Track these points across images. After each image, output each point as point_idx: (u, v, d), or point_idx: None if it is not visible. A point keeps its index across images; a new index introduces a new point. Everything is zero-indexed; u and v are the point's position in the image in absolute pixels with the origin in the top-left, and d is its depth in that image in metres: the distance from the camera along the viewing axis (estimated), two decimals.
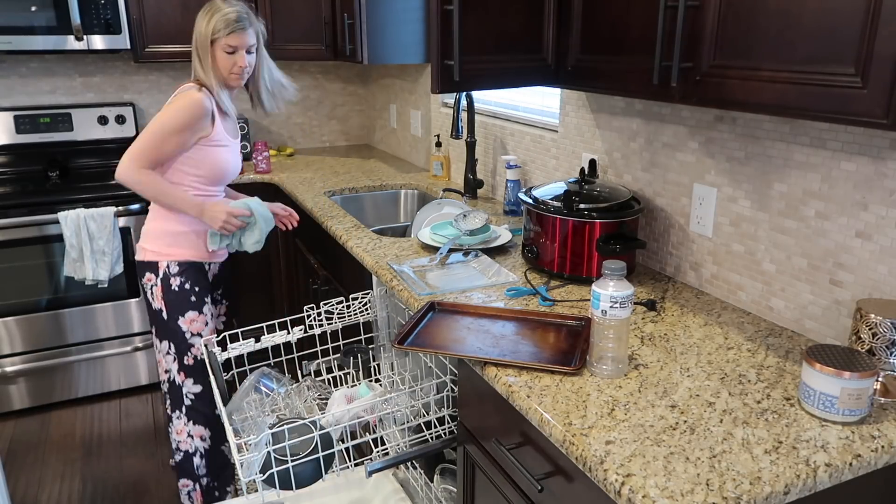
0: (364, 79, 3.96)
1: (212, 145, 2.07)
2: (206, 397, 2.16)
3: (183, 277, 2.10)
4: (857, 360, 1.12)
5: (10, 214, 2.83)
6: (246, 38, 2.04)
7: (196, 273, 2.13)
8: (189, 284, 2.11)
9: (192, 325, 2.12)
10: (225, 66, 2.04)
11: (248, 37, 2.04)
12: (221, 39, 2.00)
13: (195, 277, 2.12)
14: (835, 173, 1.36)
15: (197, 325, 2.12)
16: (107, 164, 3.40)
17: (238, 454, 1.39)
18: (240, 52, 2.04)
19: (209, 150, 2.07)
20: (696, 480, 0.98)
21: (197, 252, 2.13)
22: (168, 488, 2.56)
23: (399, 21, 2.85)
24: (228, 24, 2.00)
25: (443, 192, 2.66)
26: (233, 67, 2.05)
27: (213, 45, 2.01)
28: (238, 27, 2.01)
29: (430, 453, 1.63)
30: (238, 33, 2.02)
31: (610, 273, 1.24)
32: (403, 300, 1.71)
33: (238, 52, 2.04)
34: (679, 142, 1.73)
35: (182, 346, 2.12)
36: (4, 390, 3.01)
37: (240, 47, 2.03)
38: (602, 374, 1.28)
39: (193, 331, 2.12)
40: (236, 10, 2.03)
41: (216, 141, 2.07)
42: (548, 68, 1.70)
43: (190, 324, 2.11)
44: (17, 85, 3.28)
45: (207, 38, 2.02)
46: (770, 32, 1.13)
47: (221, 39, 2.00)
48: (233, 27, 2.00)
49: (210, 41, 2.01)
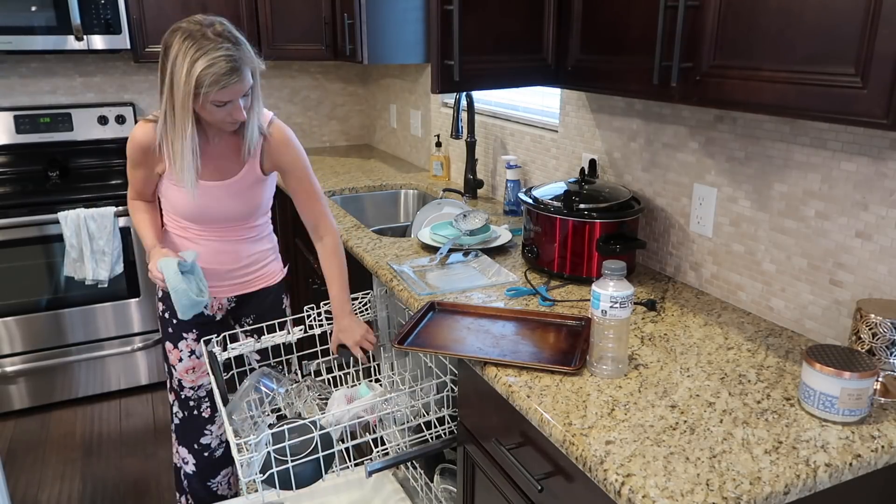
0: (364, 79, 3.96)
1: (169, 181, 1.76)
2: (188, 426, 1.99)
3: (164, 304, 1.91)
4: (857, 360, 1.12)
5: (10, 214, 2.83)
6: (241, 87, 1.58)
7: None
8: (168, 314, 1.91)
9: (171, 354, 1.93)
10: (216, 117, 1.63)
11: (244, 83, 1.59)
12: (210, 96, 1.55)
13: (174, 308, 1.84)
14: (835, 173, 1.36)
15: (173, 358, 1.93)
16: (107, 164, 3.40)
17: (238, 454, 1.39)
18: (234, 103, 1.60)
19: (166, 186, 1.77)
20: (696, 480, 0.98)
21: None
22: (168, 488, 2.56)
23: (399, 21, 2.85)
24: (218, 80, 1.53)
25: (443, 192, 2.66)
26: (226, 118, 1.63)
27: (196, 98, 1.56)
28: (231, 81, 1.55)
29: (430, 453, 1.63)
30: (231, 87, 1.56)
31: (610, 273, 1.24)
32: (403, 300, 1.71)
33: (232, 104, 1.60)
34: (679, 142, 1.73)
35: (168, 369, 1.97)
36: (4, 390, 3.01)
37: (234, 98, 1.59)
38: (602, 374, 1.28)
39: (172, 361, 1.94)
40: (225, 55, 1.53)
41: (171, 178, 1.74)
42: (548, 68, 1.70)
43: (170, 352, 1.94)
44: (17, 85, 3.28)
45: (189, 94, 1.54)
46: (770, 32, 1.13)
47: (210, 96, 1.55)
48: (224, 82, 1.54)
49: (192, 96, 1.55)
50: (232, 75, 1.55)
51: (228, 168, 1.77)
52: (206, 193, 1.76)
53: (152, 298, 3.13)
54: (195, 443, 2.01)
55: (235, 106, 1.61)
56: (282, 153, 1.80)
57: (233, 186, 1.78)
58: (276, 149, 1.79)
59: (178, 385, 1.95)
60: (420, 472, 1.85)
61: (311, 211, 1.86)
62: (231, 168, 1.78)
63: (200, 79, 1.52)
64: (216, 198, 1.77)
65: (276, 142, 1.78)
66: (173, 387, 1.97)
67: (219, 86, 1.54)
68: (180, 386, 1.95)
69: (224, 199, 1.78)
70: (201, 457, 2.02)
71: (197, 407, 1.97)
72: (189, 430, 2.00)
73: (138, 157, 1.75)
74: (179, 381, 1.95)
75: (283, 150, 1.80)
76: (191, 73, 1.52)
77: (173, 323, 1.90)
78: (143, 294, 3.12)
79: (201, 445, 2.01)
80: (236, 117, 1.63)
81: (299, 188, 1.84)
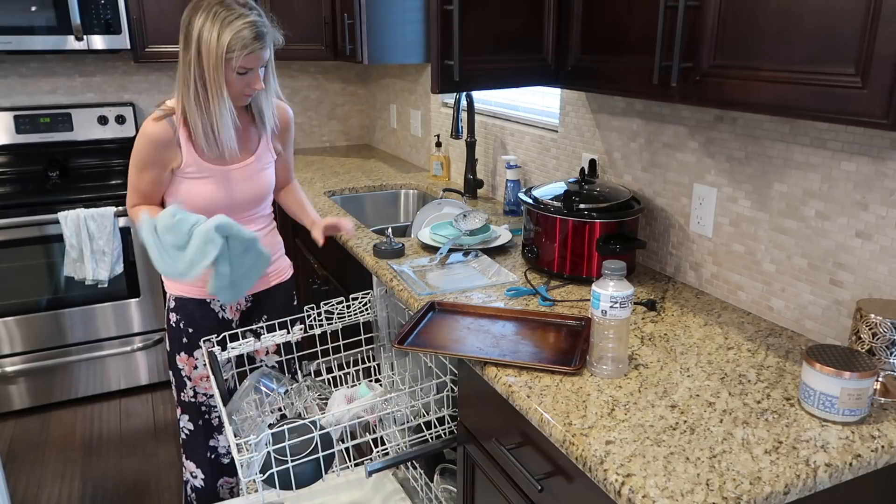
0: (364, 79, 3.96)
1: (185, 177, 1.75)
2: (198, 436, 1.97)
3: (178, 315, 1.88)
4: (857, 360, 1.12)
5: (10, 214, 2.83)
6: (264, 55, 1.66)
7: (193, 312, 1.88)
8: (183, 323, 1.87)
9: (185, 365, 1.91)
10: (234, 88, 1.67)
11: (267, 51, 1.67)
12: (237, 61, 1.61)
13: (191, 317, 1.87)
14: (835, 173, 1.36)
15: (188, 368, 1.91)
16: (107, 164, 3.40)
17: (238, 454, 1.39)
18: (255, 72, 1.67)
19: (182, 183, 1.75)
20: (696, 480, 0.98)
21: (192, 287, 1.85)
22: (168, 488, 2.56)
23: (399, 21, 2.85)
24: (247, 44, 1.60)
25: (443, 192, 2.66)
26: (244, 89, 1.68)
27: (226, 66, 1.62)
28: (258, 47, 1.62)
29: (430, 453, 1.63)
30: (257, 53, 1.63)
31: (610, 273, 1.24)
32: (403, 300, 1.71)
33: (252, 72, 1.66)
34: (679, 142, 1.73)
35: (179, 383, 1.93)
36: (4, 390, 3.01)
37: (256, 67, 1.66)
38: (602, 374, 1.28)
39: (186, 371, 1.91)
40: (253, 22, 1.61)
41: (188, 173, 1.74)
42: (548, 68, 1.70)
43: (184, 362, 1.91)
44: (17, 85, 3.28)
45: (221, 58, 1.59)
46: (770, 32, 1.13)
47: (237, 61, 1.61)
48: (252, 47, 1.61)
49: (224, 60, 1.60)
50: (258, 41, 1.62)
51: (244, 149, 1.81)
52: (225, 178, 1.78)
53: (152, 298, 3.14)
54: (205, 453, 1.99)
55: (255, 75, 1.67)
56: (287, 128, 1.94)
57: (253, 166, 1.83)
58: (285, 124, 1.92)
59: (193, 394, 1.93)
60: (420, 472, 1.85)
61: (289, 169, 2.05)
62: (246, 149, 1.82)
63: (232, 43, 1.59)
64: (234, 181, 1.80)
65: (283, 118, 1.91)
66: (183, 399, 1.94)
67: (247, 50, 1.60)
68: (194, 394, 1.93)
69: (246, 180, 1.82)
70: (212, 465, 2.00)
71: (208, 413, 1.96)
72: (199, 441, 1.98)
73: (153, 155, 1.70)
74: (194, 388, 1.92)
75: (288, 125, 1.93)
76: (221, 38, 1.58)
77: (189, 332, 1.87)
78: (143, 294, 3.12)
79: (210, 449, 1.99)
80: (255, 87, 1.69)
81: (287, 155, 1.99)
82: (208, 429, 1.98)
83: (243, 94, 1.70)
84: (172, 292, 1.88)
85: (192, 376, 1.91)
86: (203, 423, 1.97)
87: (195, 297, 1.87)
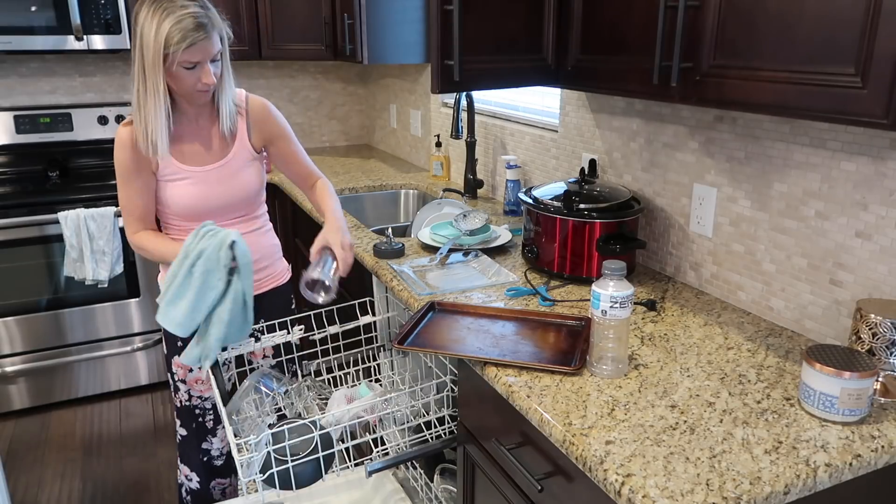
0: (364, 79, 3.96)
1: (165, 180, 1.72)
2: (192, 440, 1.95)
3: None
4: (857, 360, 1.12)
5: (10, 214, 2.83)
6: (210, 48, 1.60)
7: None
8: None
9: (179, 368, 1.88)
10: (186, 84, 1.62)
11: (213, 44, 1.60)
12: (178, 54, 1.55)
13: None
14: (835, 173, 1.36)
15: (182, 372, 1.88)
16: (107, 164, 3.40)
17: (238, 454, 1.39)
18: (203, 66, 1.60)
19: (164, 188, 1.73)
20: (696, 480, 0.98)
21: None
22: (168, 488, 2.56)
23: (399, 21, 2.85)
24: (186, 36, 1.54)
25: (443, 192, 2.66)
26: (196, 85, 1.62)
27: (165, 60, 1.57)
28: (199, 38, 1.56)
29: (430, 453, 1.63)
30: (200, 45, 1.57)
31: (610, 273, 1.24)
32: (403, 300, 1.71)
33: (201, 66, 1.60)
34: (679, 142, 1.73)
35: (174, 387, 1.92)
36: (4, 390, 3.01)
37: (203, 60, 1.60)
38: (602, 374, 1.28)
39: (180, 375, 1.89)
40: (192, 13, 1.56)
41: (166, 175, 1.72)
42: (548, 68, 1.70)
43: (178, 366, 1.88)
44: (17, 85, 3.28)
45: (159, 52, 1.55)
46: (770, 32, 1.13)
47: (178, 54, 1.55)
48: (192, 38, 1.55)
49: (162, 56, 1.56)
50: (199, 31, 1.56)
51: (219, 149, 1.77)
52: (203, 179, 1.74)
53: (152, 298, 3.13)
54: (198, 456, 1.97)
55: (205, 69, 1.61)
56: (267, 121, 1.83)
57: (226, 168, 1.77)
58: (261, 118, 1.82)
59: (187, 397, 1.91)
60: (420, 472, 1.85)
61: (303, 165, 1.92)
62: (222, 149, 1.78)
63: (169, 36, 1.54)
64: (213, 182, 1.76)
65: (257, 112, 1.81)
66: (177, 405, 1.93)
67: (186, 42, 1.55)
68: (188, 397, 1.91)
69: (221, 183, 1.77)
70: (203, 469, 1.99)
71: (202, 416, 1.94)
72: (192, 445, 1.96)
73: (130, 159, 1.68)
74: (188, 392, 1.91)
75: (266, 117, 1.83)
76: (159, 31, 1.54)
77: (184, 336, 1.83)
78: (143, 294, 3.12)
79: (203, 451, 1.98)
80: (206, 81, 1.62)
81: (288, 149, 1.89)
82: (201, 432, 1.96)
83: (196, 90, 1.64)
84: None
85: (185, 379, 1.89)
86: (196, 426, 1.95)
87: None
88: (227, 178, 1.78)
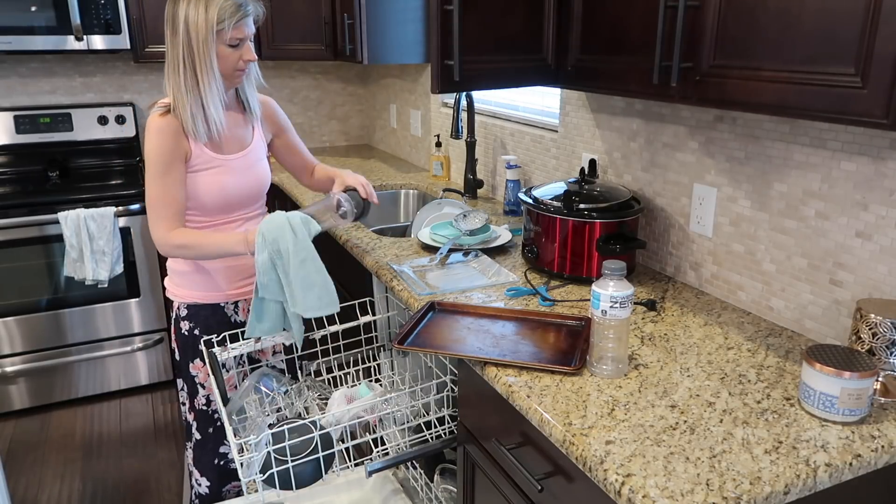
0: (364, 79, 3.96)
1: (195, 171, 1.71)
2: (207, 444, 1.94)
3: (191, 322, 1.84)
4: (857, 360, 1.12)
5: (10, 214, 2.83)
6: (251, 25, 1.69)
7: (208, 317, 1.84)
8: (198, 330, 1.83)
9: (199, 371, 1.87)
10: (229, 63, 1.66)
11: (251, 22, 1.69)
12: (228, 31, 1.62)
13: (206, 322, 1.83)
14: (835, 173, 1.36)
15: (202, 375, 1.87)
16: (107, 164, 3.40)
17: (238, 454, 1.39)
18: (246, 44, 1.67)
19: (193, 180, 1.71)
20: (696, 480, 0.98)
21: (206, 293, 1.83)
22: (168, 489, 2.56)
23: (399, 21, 2.85)
24: (237, 10, 1.61)
25: (443, 192, 2.66)
26: (237, 63, 1.67)
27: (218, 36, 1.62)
28: (249, 12, 1.65)
29: (430, 453, 1.63)
30: (246, 20, 1.65)
31: (610, 273, 1.24)
32: (403, 300, 1.71)
33: (243, 44, 1.67)
34: (679, 142, 1.73)
35: (192, 390, 1.89)
36: (4, 390, 3.01)
37: (246, 37, 1.67)
38: (602, 374, 1.28)
39: (201, 378, 1.87)
40: None
41: (195, 165, 1.71)
42: (548, 68, 1.70)
43: (198, 369, 1.87)
44: (17, 85, 3.28)
45: (211, 31, 1.60)
46: (770, 32, 1.13)
47: (228, 31, 1.62)
48: (242, 13, 1.62)
49: (215, 33, 1.61)
50: (244, 7, 1.64)
51: (242, 138, 1.82)
52: (232, 169, 1.77)
53: (152, 298, 3.14)
54: (212, 460, 1.95)
55: (247, 46, 1.68)
56: (276, 114, 1.94)
57: (250, 156, 1.82)
58: (269, 112, 1.93)
59: (205, 401, 1.90)
60: (420, 472, 1.85)
61: (304, 156, 2.04)
62: (245, 138, 1.83)
63: (221, 13, 1.60)
64: (239, 171, 1.78)
65: (266, 106, 1.92)
66: (195, 406, 1.91)
67: (236, 17, 1.61)
68: (207, 402, 1.90)
69: (246, 172, 1.80)
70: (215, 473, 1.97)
71: (220, 420, 1.93)
72: (207, 448, 1.94)
73: (170, 147, 1.66)
74: (207, 396, 1.89)
75: (274, 111, 1.94)
76: (209, 10, 1.59)
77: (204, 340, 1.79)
78: (144, 294, 3.12)
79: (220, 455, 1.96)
80: (247, 57, 1.68)
81: (293, 140, 2.00)
82: (219, 436, 1.94)
83: (237, 69, 1.68)
84: (183, 300, 1.84)
85: (205, 384, 1.88)
86: (214, 430, 1.94)
87: (208, 303, 1.84)
88: (250, 167, 1.82)
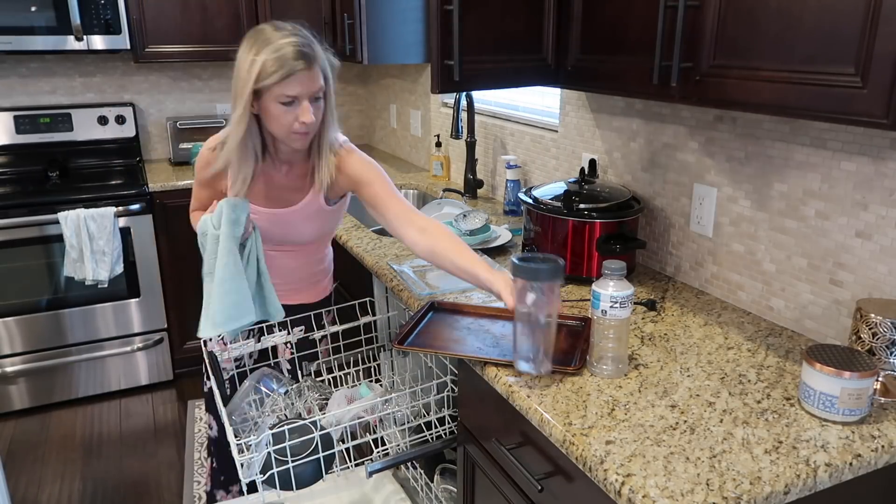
0: (364, 79, 3.96)
1: None
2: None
3: None
4: (857, 360, 1.12)
5: (10, 214, 2.83)
6: (310, 82, 1.43)
7: None
8: None
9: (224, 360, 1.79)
10: (282, 123, 1.45)
11: (314, 79, 1.44)
12: (274, 88, 1.41)
13: None
14: (835, 173, 1.36)
15: None
16: (107, 164, 3.40)
17: (238, 455, 1.39)
18: (302, 103, 1.43)
19: None
20: (696, 480, 0.98)
21: None
22: (168, 489, 2.56)
23: (399, 21, 2.85)
24: (283, 65, 1.38)
25: (443, 192, 2.66)
26: (293, 125, 1.45)
27: (261, 96, 1.42)
28: (298, 68, 1.40)
29: (430, 453, 1.63)
30: (299, 76, 1.40)
31: (610, 273, 1.24)
32: (403, 300, 1.71)
33: (299, 103, 1.43)
34: (679, 142, 1.73)
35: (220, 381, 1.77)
36: (4, 390, 3.01)
37: (301, 96, 1.43)
38: (602, 374, 1.28)
39: None
40: (294, 42, 1.41)
41: None
42: (548, 68, 1.70)
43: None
44: (17, 85, 3.28)
45: (248, 86, 1.41)
46: (770, 32, 1.13)
47: (274, 88, 1.41)
48: (290, 68, 1.39)
49: (253, 90, 1.41)
50: (299, 61, 1.40)
51: (288, 197, 1.64)
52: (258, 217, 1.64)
53: (152, 298, 3.14)
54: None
55: (303, 106, 1.43)
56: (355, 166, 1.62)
57: (285, 216, 1.64)
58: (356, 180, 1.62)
59: None
60: (420, 472, 1.85)
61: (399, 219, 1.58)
62: (290, 197, 1.64)
63: (264, 67, 1.39)
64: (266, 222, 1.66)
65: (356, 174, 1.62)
66: None
67: (283, 71, 1.39)
68: None
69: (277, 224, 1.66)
70: None
71: None
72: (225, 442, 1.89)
73: (202, 177, 1.66)
74: None
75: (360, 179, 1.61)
76: (254, 63, 1.40)
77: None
78: (144, 294, 3.12)
79: None
80: (304, 119, 1.44)
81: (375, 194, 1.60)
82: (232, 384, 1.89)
83: (293, 131, 1.46)
84: None
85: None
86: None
87: None
88: (282, 224, 1.67)
